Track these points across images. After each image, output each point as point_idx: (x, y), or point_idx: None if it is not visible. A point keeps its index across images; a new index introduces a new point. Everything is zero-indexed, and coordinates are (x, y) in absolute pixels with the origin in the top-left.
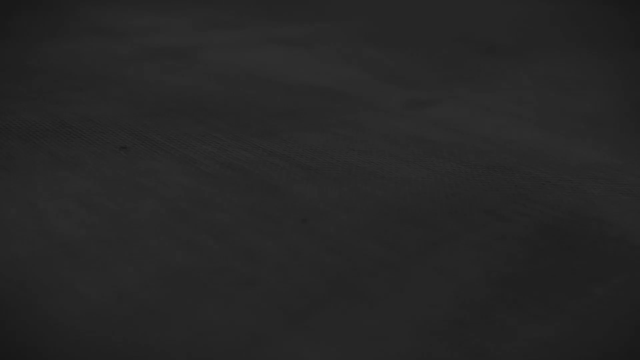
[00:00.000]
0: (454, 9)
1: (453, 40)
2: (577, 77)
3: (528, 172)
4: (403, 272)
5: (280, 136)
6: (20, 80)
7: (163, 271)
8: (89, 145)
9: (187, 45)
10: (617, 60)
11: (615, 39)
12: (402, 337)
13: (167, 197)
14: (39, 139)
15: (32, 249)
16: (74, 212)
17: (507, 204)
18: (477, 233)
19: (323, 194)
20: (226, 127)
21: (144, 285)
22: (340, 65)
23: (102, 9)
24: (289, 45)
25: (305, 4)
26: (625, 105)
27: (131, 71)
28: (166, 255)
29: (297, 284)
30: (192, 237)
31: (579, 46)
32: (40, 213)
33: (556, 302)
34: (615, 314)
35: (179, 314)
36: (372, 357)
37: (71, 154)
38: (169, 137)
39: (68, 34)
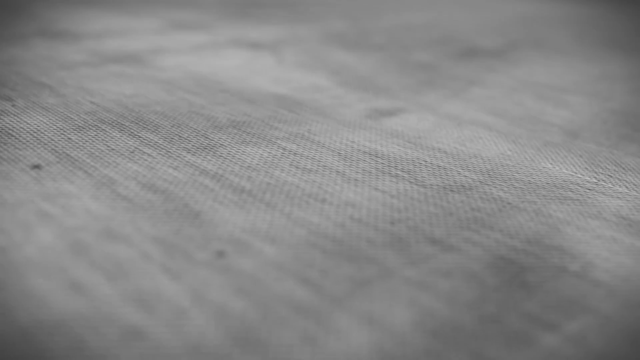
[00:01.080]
0: (436, 11)
1: (431, 43)
2: (558, 83)
3: (489, 192)
4: (322, 319)
5: (218, 152)
6: None
7: (35, 322)
8: None
9: (143, 49)
10: (601, 65)
11: (602, 44)
12: None
13: (69, 226)
14: None
15: None
16: None
17: (459, 230)
18: (418, 268)
19: (250, 221)
20: (160, 142)
21: (5, 341)
22: (305, 70)
23: (58, 10)
24: (255, 48)
25: (284, 4)
26: (604, 115)
27: (72, 78)
28: (45, 301)
29: (192, 336)
30: (83, 278)
31: (563, 51)
32: None
33: (494, 358)
34: None
35: None
36: None
37: None
38: (93, 154)
39: (17, 37)
